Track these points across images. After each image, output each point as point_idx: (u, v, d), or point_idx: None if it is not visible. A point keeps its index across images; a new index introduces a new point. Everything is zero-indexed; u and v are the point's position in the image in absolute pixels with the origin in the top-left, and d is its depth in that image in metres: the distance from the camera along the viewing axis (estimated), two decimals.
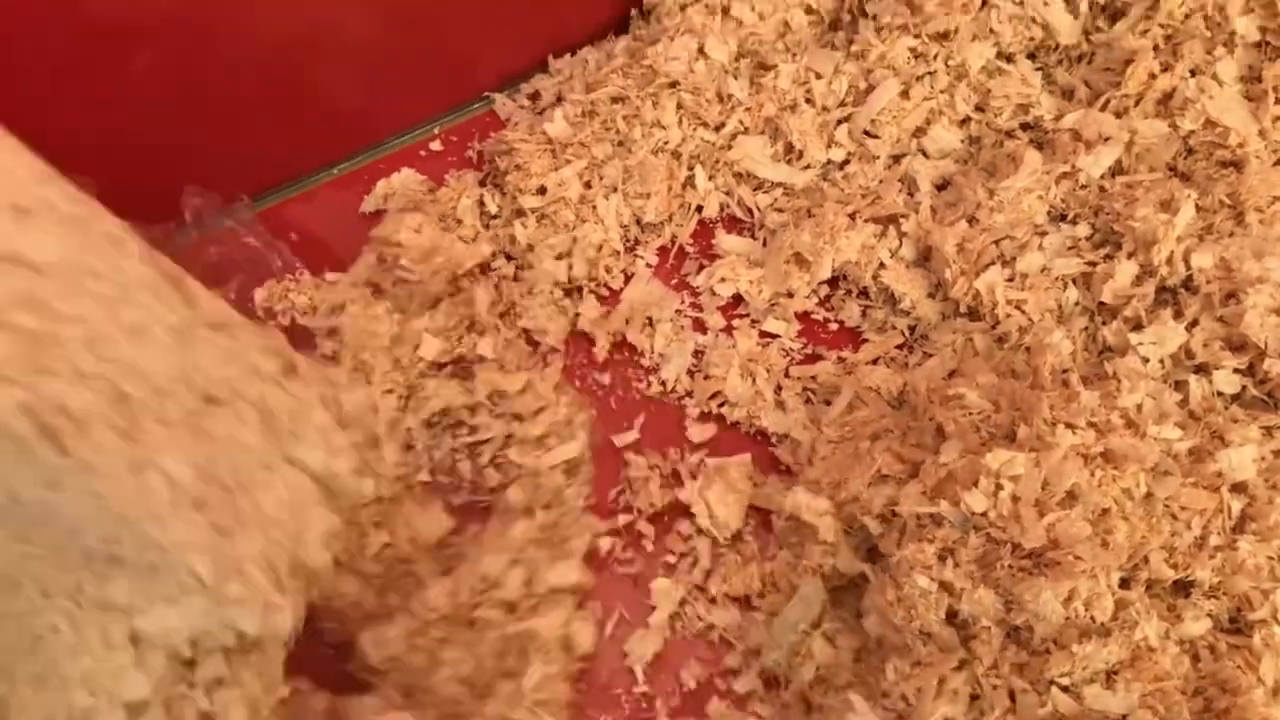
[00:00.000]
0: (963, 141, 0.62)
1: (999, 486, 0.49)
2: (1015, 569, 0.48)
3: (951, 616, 0.49)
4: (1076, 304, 0.57)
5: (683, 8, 0.65)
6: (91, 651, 0.35)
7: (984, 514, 0.49)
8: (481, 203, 0.63)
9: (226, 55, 0.59)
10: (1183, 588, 0.48)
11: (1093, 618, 0.46)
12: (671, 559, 0.55)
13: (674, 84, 0.62)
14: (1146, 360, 0.53)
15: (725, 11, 0.64)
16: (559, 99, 0.66)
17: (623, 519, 0.56)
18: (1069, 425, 0.50)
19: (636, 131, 0.62)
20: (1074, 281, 0.57)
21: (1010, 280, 0.57)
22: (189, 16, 0.56)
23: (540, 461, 0.57)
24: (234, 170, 0.63)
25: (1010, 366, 0.56)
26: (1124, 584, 0.48)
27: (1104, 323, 0.56)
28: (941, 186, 0.62)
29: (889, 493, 0.52)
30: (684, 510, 0.56)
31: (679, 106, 0.62)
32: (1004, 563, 0.48)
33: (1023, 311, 0.56)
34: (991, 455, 0.49)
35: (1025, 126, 0.62)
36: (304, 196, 0.66)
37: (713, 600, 0.54)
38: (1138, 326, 0.55)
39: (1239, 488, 0.49)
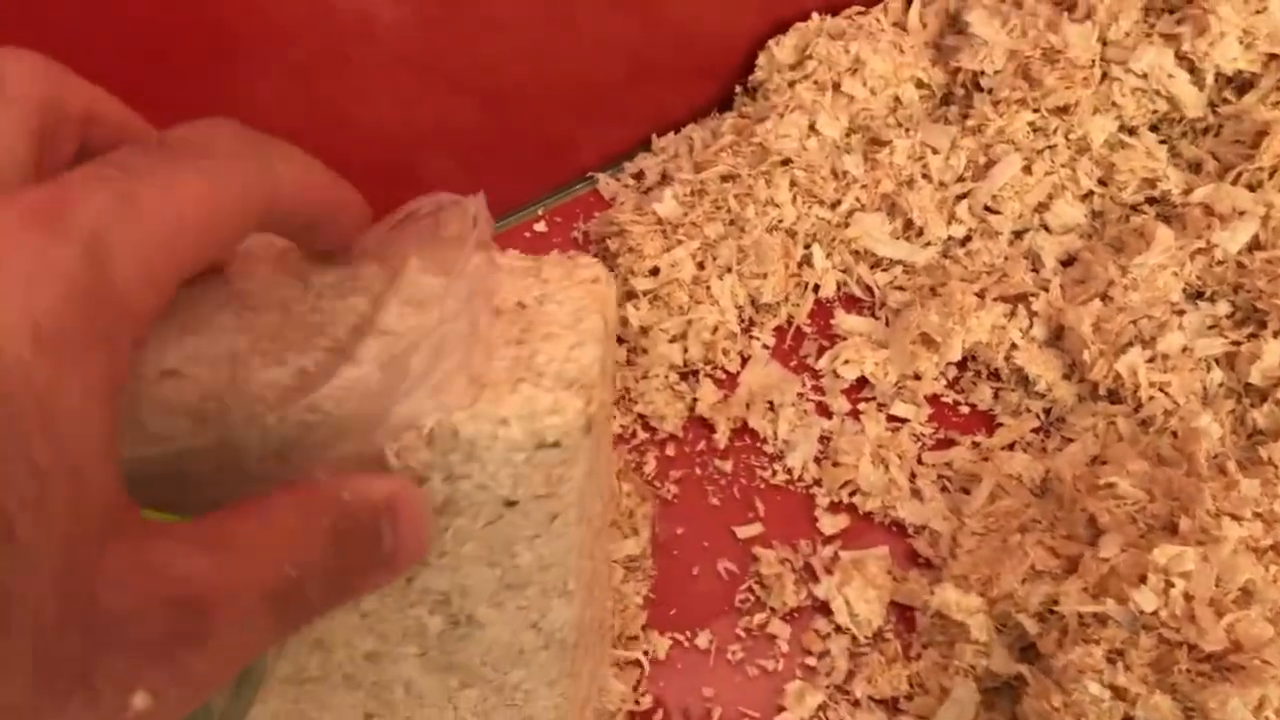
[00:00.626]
0: (1086, 216, 0.61)
1: (1169, 584, 0.46)
2: (1194, 673, 0.45)
3: None
4: (1221, 385, 0.55)
5: (791, 84, 0.63)
6: None
7: (1155, 613, 0.46)
8: None
9: (330, 142, 0.58)
10: None
11: None
12: (811, 660, 0.53)
13: (787, 161, 0.61)
14: None
15: (836, 87, 0.63)
16: (664, 178, 0.65)
17: (757, 618, 0.54)
18: (1234, 517, 0.48)
19: (750, 210, 0.60)
20: (1217, 362, 0.55)
21: (1151, 361, 0.55)
22: (293, 109, 0.55)
23: None
24: None
25: (1157, 452, 0.53)
26: None
27: (1253, 405, 0.54)
28: (1066, 263, 0.61)
29: (1046, 589, 0.49)
30: (819, 607, 0.54)
31: (792, 184, 0.61)
32: (1181, 666, 0.45)
33: (1167, 394, 0.54)
34: (1159, 550, 0.47)
35: (1151, 201, 0.60)
36: None
37: (856, 703, 0.51)
38: None
39: None
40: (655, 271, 0.60)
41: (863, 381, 0.59)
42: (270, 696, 0.37)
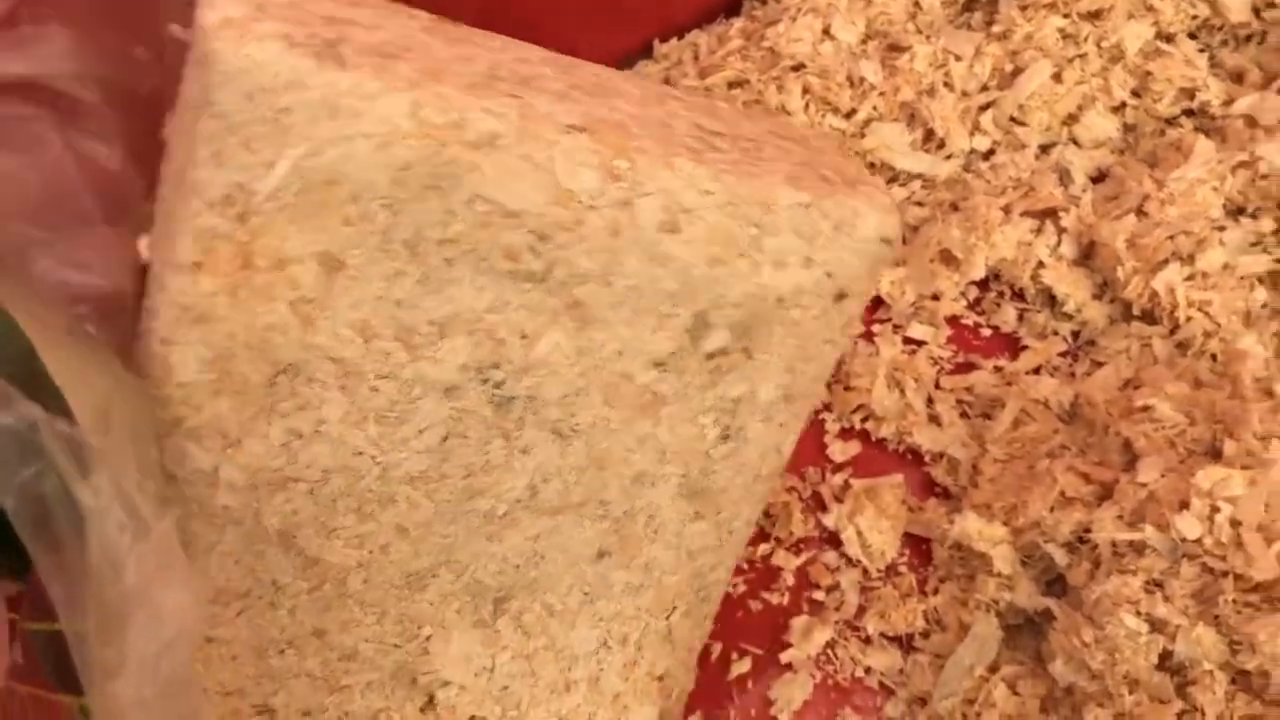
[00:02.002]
0: (1118, 130, 0.57)
1: (1214, 509, 0.42)
2: (1241, 604, 0.41)
3: (1163, 660, 0.42)
4: (1265, 306, 0.51)
5: None
6: None
7: (1198, 541, 0.42)
8: None
9: None
10: None
11: None
12: (819, 595, 0.49)
13: (799, 66, 0.57)
14: None
15: None
16: (667, 84, 0.61)
17: (761, 549, 0.50)
18: None
19: None
20: (1261, 281, 0.51)
21: (1190, 279, 0.51)
22: None
23: None
24: None
25: (1195, 375, 0.49)
26: None
27: None
28: (1096, 179, 0.56)
29: (1077, 517, 0.45)
30: (827, 538, 0.50)
31: (805, 91, 0.56)
32: (1226, 597, 0.41)
33: (1207, 314, 0.50)
34: (1202, 474, 0.43)
35: (1189, 113, 0.56)
36: None
37: (867, 640, 0.48)
38: None
39: None
40: None
41: (877, 302, 0.55)
42: (509, 533, 0.35)
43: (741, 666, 0.47)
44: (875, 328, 0.54)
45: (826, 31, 0.58)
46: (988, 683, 0.45)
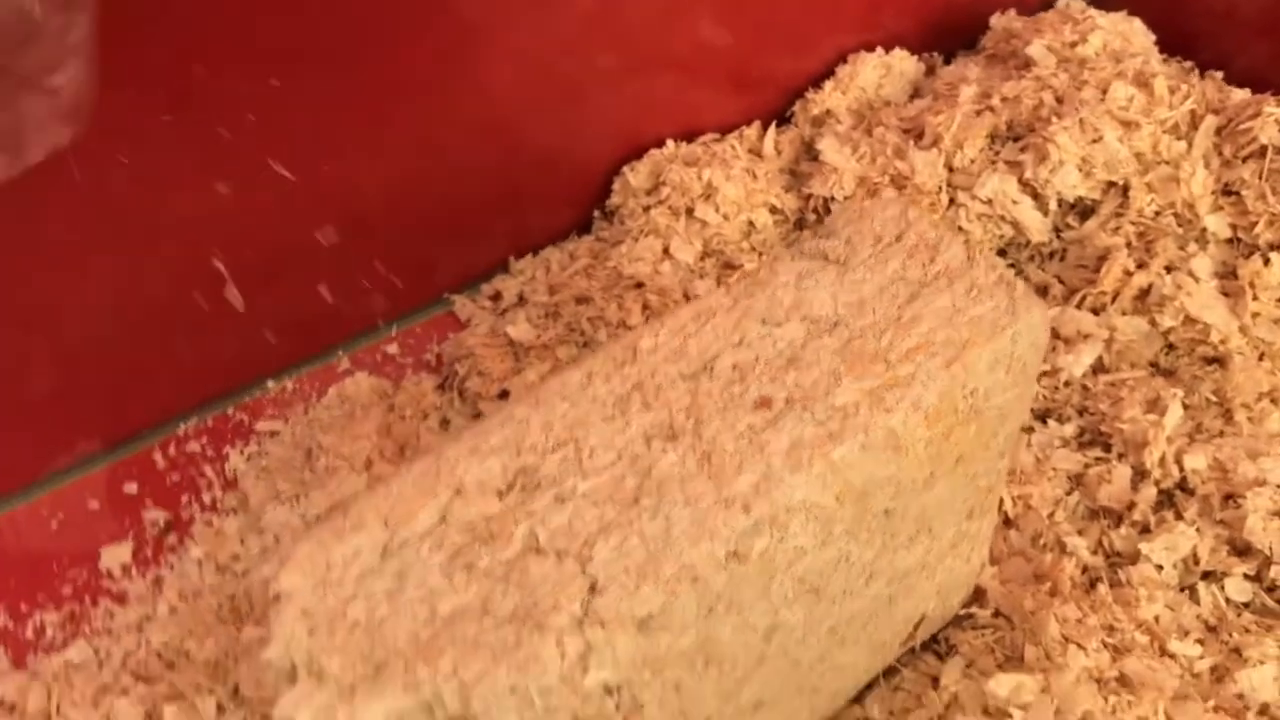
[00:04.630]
0: None
1: (1007, 715, 0.45)
2: None
3: None
4: (1079, 504, 0.54)
5: (646, 209, 0.64)
6: None
7: None
8: (444, 414, 0.60)
9: (174, 262, 0.57)
10: None
11: None
12: None
13: (639, 285, 0.60)
14: (1160, 568, 0.50)
15: (689, 213, 0.63)
16: (521, 299, 0.64)
17: None
18: (1080, 645, 0.47)
19: (601, 333, 0.59)
20: (1076, 482, 0.54)
21: (1011, 473, 0.54)
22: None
23: None
24: (178, 383, 0.60)
25: (1017, 571, 0.52)
26: None
27: (1110, 527, 0.53)
28: None
29: None
30: None
31: (645, 307, 0.60)
32: None
33: (1030, 507, 0.53)
34: (995, 681, 0.45)
35: None
36: (254, 404, 0.62)
37: None
38: (1145, 530, 0.52)
39: (1263, 710, 0.45)
40: (504, 395, 0.59)
41: None
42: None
43: None
44: None
45: (666, 251, 0.62)
46: None
